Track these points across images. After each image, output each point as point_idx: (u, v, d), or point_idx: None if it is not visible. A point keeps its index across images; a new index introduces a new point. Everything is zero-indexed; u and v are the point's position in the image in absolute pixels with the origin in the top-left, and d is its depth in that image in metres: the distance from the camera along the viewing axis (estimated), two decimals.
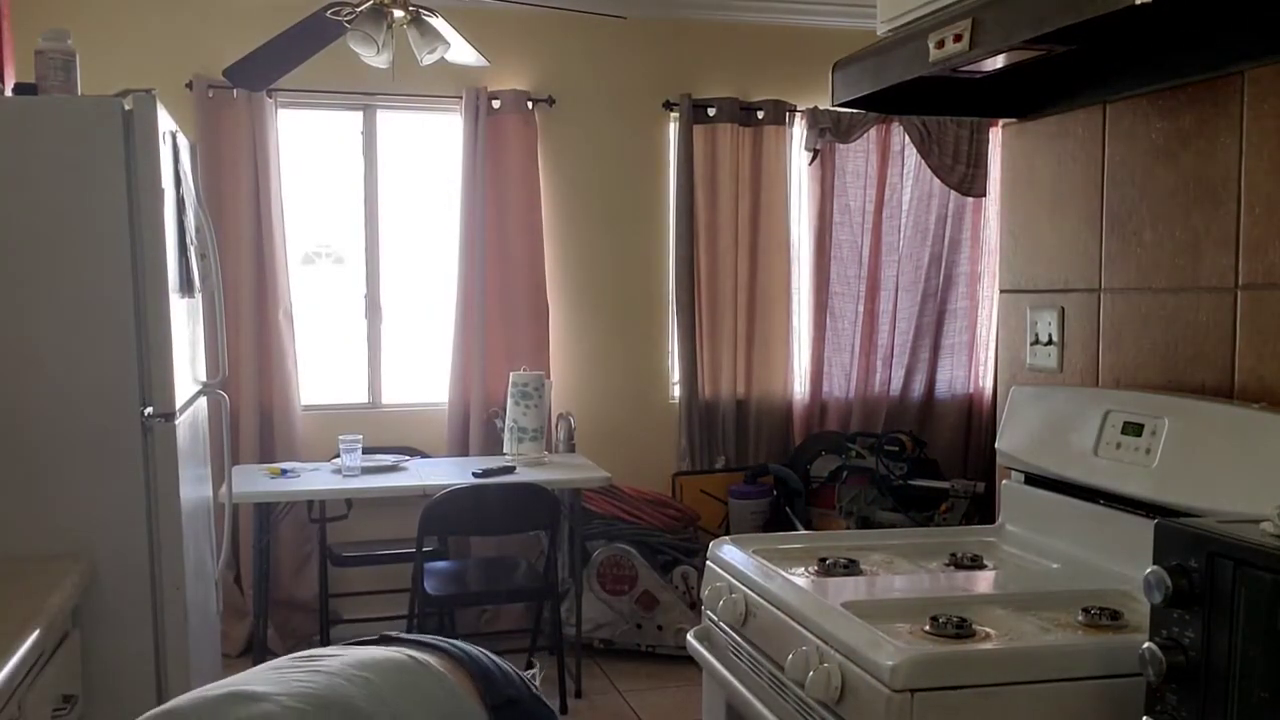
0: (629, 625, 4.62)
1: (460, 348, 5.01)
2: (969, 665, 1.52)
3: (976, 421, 5.62)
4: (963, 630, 1.62)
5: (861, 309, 5.45)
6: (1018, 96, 2.26)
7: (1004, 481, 2.31)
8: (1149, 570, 1.32)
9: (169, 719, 1.08)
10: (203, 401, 2.94)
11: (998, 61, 1.86)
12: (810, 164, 5.33)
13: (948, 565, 2.09)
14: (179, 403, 2.48)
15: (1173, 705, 1.31)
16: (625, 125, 5.24)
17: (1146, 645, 1.33)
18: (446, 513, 3.88)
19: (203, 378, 2.96)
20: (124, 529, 2.37)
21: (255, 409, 4.77)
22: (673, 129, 5.28)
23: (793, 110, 5.29)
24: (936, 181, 5.38)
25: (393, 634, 1.36)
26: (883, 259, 5.45)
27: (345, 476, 4.18)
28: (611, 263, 5.24)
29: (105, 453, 2.36)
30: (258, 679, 1.15)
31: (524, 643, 4.63)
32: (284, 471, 4.21)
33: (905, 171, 5.44)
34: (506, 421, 4.57)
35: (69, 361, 2.32)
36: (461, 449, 4.99)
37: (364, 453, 4.27)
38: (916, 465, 5.07)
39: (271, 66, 4.01)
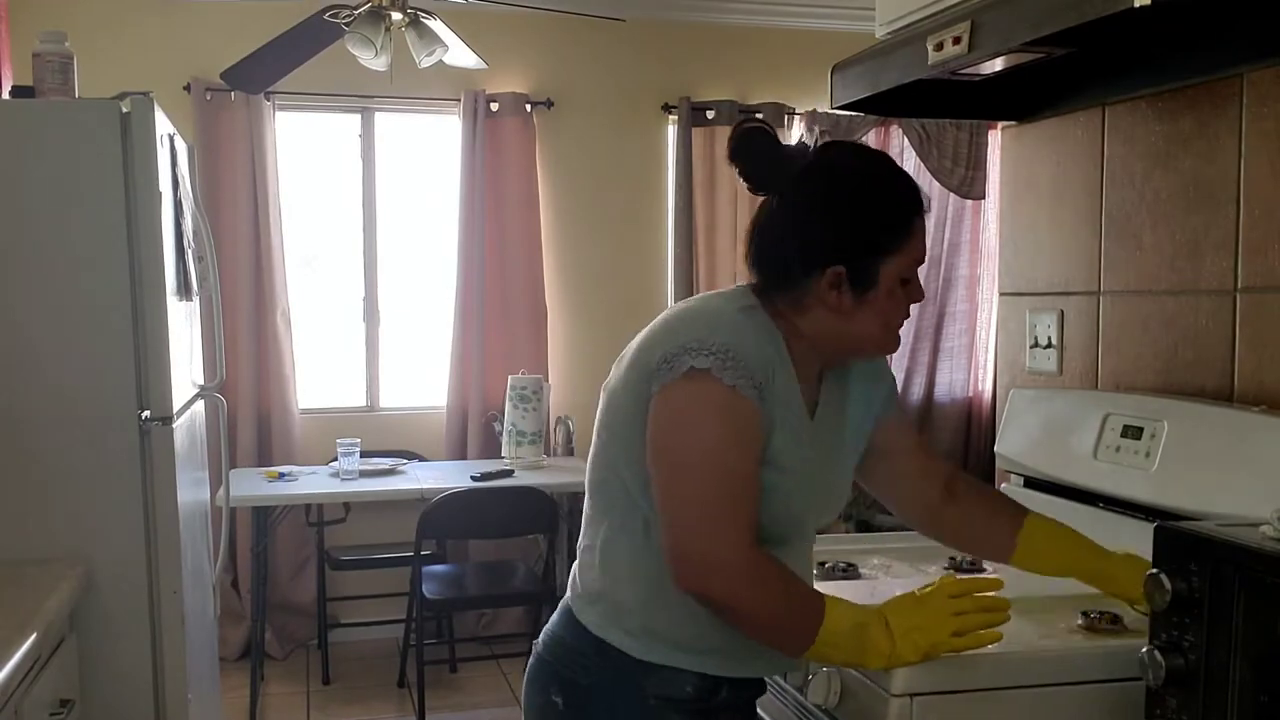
0: None
1: (458, 351, 5.00)
2: (968, 669, 1.52)
3: (976, 425, 5.61)
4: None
5: None
6: (1017, 99, 2.26)
7: (1003, 485, 2.31)
8: (1149, 574, 1.32)
9: None
10: (200, 405, 2.94)
11: (997, 64, 1.86)
12: None
13: (947, 569, 2.08)
14: (176, 406, 2.47)
15: (1173, 710, 1.30)
16: (624, 128, 5.24)
17: (1146, 649, 1.32)
18: (445, 516, 3.87)
19: (200, 381, 2.95)
20: (121, 533, 2.37)
21: (253, 412, 4.76)
22: (671, 132, 5.28)
23: (791, 113, 5.29)
24: (936, 184, 5.38)
25: None
26: None
27: (343, 480, 4.17)
28: (610, 265, 5.24)
29: (102, 456, 2.35)
30: None
31: (523, 646, 4.62)
32: (282, 475, 4.20)
33: None
34: (505, 425, 4.56)
35: (66, 365, 2.32)
36: (460, 452, 4.99)
37: (362, 456, 4.27)
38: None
39: (269, 69, 4.00)
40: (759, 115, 5.22)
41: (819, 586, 1.91)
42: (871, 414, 1.65)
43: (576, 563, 1.59)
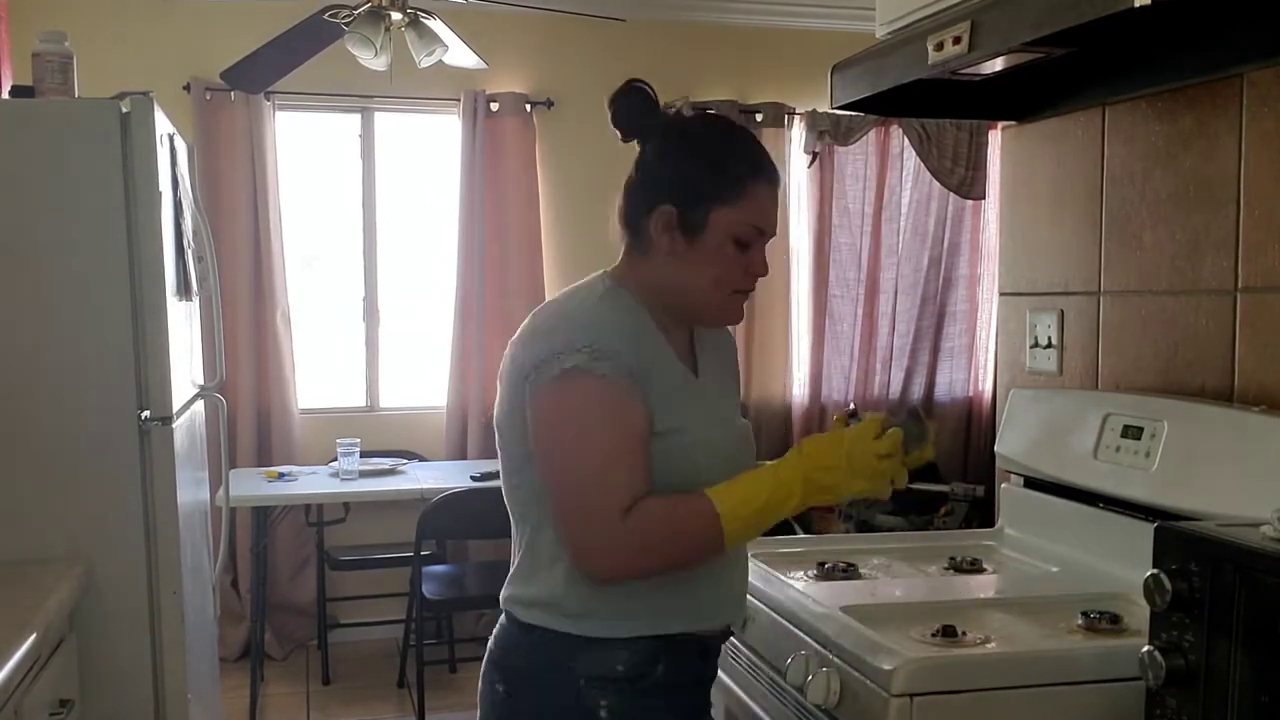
0: None
1: (458, 351, 5.00)
2: (968, 670, 1.52)
3: (976, 425, 5.61)
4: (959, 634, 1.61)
5: (861, 312, 5.45)
6: (1017, 99, 2.26)
7: (1003, 485, 2.31)
8: (1149, 574, 1.32)
9: None
10: (200, 405, 2.94)
11: (997, 64, 1.86)
12: (809, 166, 5.33)
13: (947, 569, 2.08)
14: (176, 406, 2.47)
15: (1173, 709, 1.30)
16: None
17: (1146, 649, 1.32)
18: (444, 516, 3.87)
19: (200, 381, 2.95)
20: (121, 533, 2.36)
21: (253, 412, 4.76)
22: None
23: (792, 113, 5.29)
24: (936, 184, 5.38)
25: None
26: (882, 261, 5.45)
27: (343, 480, 4.17)
28: (610, 265, 5.23)
29: (102, 456, 2.35)
30: None
31: None
32: (281, 475, 4.20)
33: (904, 174, 5.44)
34: None
35: (66, 365, 2.32)
36: (460, 452, 4.99)
37: (362, 456, 4.27)
38: (916, 469, 5.05)
39: (269, 69, 4.00)
40: (759, 115, 5.23)
41: (817, 586, 1.91)
42: (735, 367, 1.75)
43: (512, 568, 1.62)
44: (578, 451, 1.46)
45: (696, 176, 1.53)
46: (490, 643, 1.62)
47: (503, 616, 1.60)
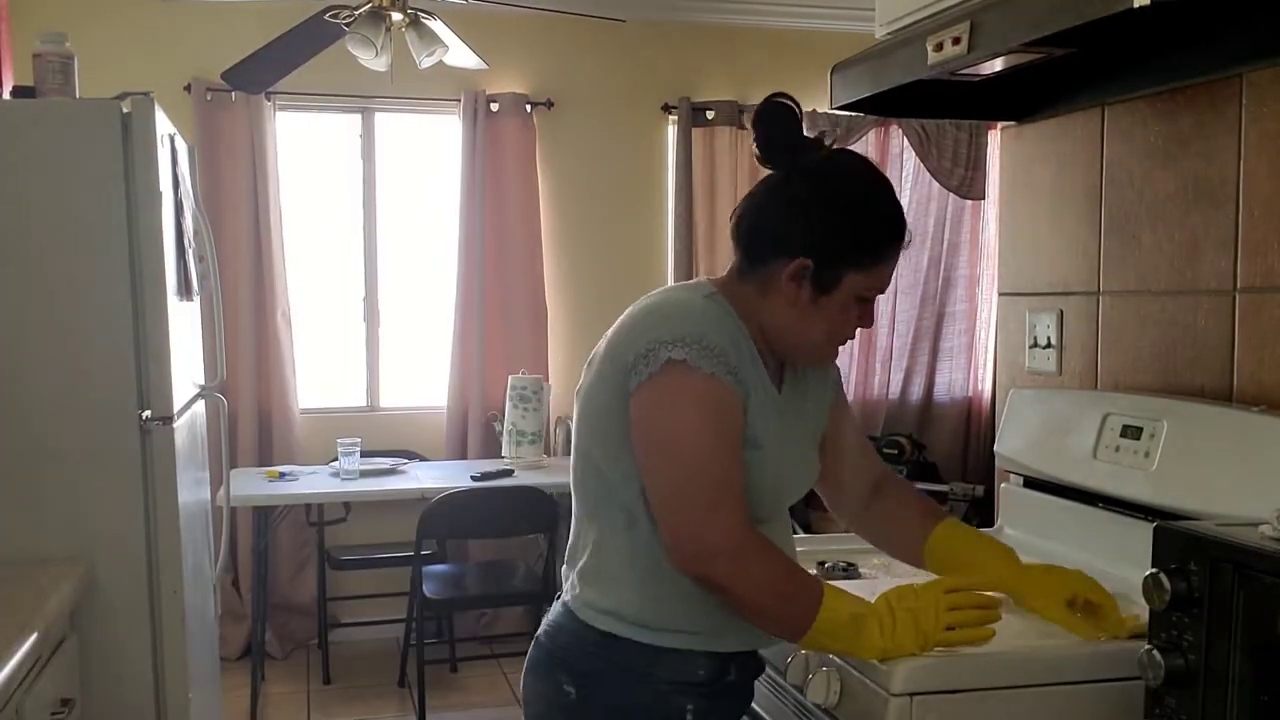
0: None
1: (459, 351, 5.00)
2: (968, 669, 1.52)
3: (976, 425, 5.62)
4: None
5: None
6: (1016, 99, 2.26)
7: (1003, 484, 2.31)
8: (1148, 573, 1.32)
9: None
10: (201, 405, 2.94)
11: (996, 64, 1.86)
12: None
13: None
14: (177, 406, 2.47)
15: (1172, 709, 1.31)
16: (624, 128, 5.24)
17: (1145, 649, 1.32)
18: (445, 516, 3.88)
19: (201, 381, 2.95)
20: (122, 532, 2.37)
21: (254, 412, 4.77)
22: (671, 132, 5.28)
23: None
24: (935, 184, 5.39)
25: None
26: None
27: (343, 480, 4.17)
28: (610, 266, 5.24)
29: (103, 456, 2.35)
30: None
31: (523, 646, 4.60)
32: (282, 475, 4.21)
33: (904, 174, 5.44)
34: (505, 425, 4.57)
35: (67, 365, 2.32)
36: (460, 452, 4.99)
37: (362, 456, 4.27)
38: (916, 468, 5.06)
39: (270, 69, 4.01)
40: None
41: None
42: (826, 397, 1.70)
43: (571, 563, 1.61)
44: (691, 443, 1.43)
45: (842, 237, 1.49)
46: (547, 639, 1.61)
47: (564, 614, 1.59)
